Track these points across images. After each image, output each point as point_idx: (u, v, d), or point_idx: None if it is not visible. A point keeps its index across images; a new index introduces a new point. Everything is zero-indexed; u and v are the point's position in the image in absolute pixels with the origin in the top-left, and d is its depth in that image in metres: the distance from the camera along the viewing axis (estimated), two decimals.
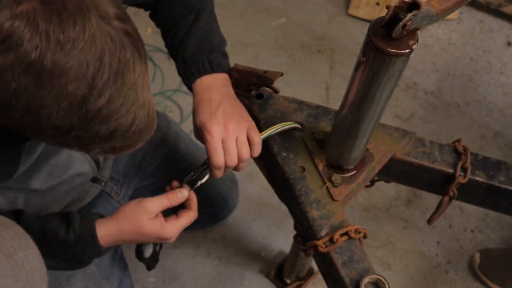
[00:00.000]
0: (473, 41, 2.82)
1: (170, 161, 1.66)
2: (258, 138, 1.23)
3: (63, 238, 1.12)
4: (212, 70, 1.26)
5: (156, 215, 1.17)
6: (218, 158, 1.19)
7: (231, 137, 1.19)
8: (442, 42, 2.79)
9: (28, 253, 0.80)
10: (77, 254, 1.14)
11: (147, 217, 1.15)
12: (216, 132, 1.19)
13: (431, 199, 2.26)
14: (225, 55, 1.31)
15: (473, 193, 1.29)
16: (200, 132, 1.22)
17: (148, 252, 1.37)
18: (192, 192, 1.23)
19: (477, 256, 2.10)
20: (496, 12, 2.89)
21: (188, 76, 1.27)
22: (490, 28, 2.88)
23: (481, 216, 2.26)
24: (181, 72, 1.30)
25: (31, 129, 0.81)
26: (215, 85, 1.25)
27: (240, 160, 1.21)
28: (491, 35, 2.85)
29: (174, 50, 1.31)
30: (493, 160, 1.30)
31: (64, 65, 0.74)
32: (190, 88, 1.29)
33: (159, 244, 1.44)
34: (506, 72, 2.72)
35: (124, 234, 1.15)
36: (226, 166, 1.21)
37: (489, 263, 2.07)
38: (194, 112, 1.24)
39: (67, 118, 0.78)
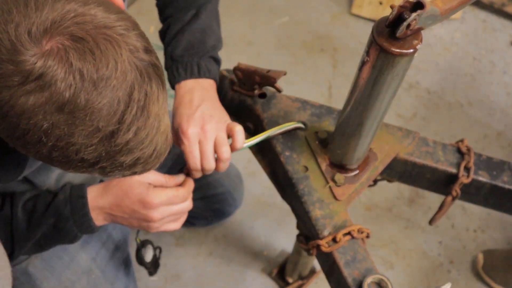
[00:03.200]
0: (476, 40, 2.82)
1: (180, 162, 1.66)
2: (238, 127, 1.19)
3: (53, 200, 1.12)
4: (199, 75, 1.23)
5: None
6: (195, 161, 1.17)
7: (208, 139, 1.16)
8: (445, 42, 2.79)
9: None
10: (65, 217, 1.13)
11: (138, 179, 1.13)
12: (192, 135, 1.16)
13: (434, 199, 2.26)
14: (216, 60, 1.28)
15: (476, 193, 1.29)
16: (177, 134, 1.20)
17: (148, 256, 1.36)
18: (190, 179, 1.21)
19: (480, 257, 2.09)
20: (499, 12, 2.89)
21: (174, 75, 1.24)
22: (493, 28, 2.87)
23: (483, 216, 2.26)
24: (167, 68, 1.27)
25: (57, 162, 0.80)
26: (198, 89, 1.22)
27: (220, 159, 1.18)
28: (494, 34, 2.85)
29: (166, 45, 1.28)
30: (497, 160, 1.30)
31: (97, 104, 0.73)
32: (173, 87, 1.26)
33: (158, 248, 1.43)
34: (509, 72, 2.71)
35: (111, 193, 1.14)
36: (203, 169, 1.19)
37: (492, 264, 2.07)
38: (173, 115, 1.22)
39: (95, 153, 0.78)
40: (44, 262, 1.37)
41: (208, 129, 1.16)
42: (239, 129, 1.18)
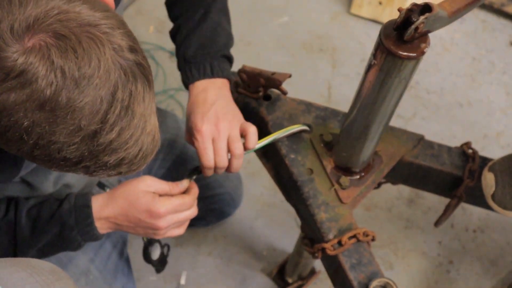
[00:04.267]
0: (475, 40, 2.82)
1: (179, 163, 1.65)
2: (252, 128, 1.20)
3: (58, 209, 1.11)
4: (213, 75, 1.24)
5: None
6: (208, 159, 1.17)
7: (221, 136, 1.17)
8: (445, 42, 2.79)
9: None
10: (70, 227, 1.12)
11: (143, 188, 1.14)
12: (206, 132, 1.17)
13: (433, 199, 2.26)
14: (228, 58, 1.29)
15: (481, 196, 1.28)
16: (191, 132, 1.21)
17: (155, 254, 1.36)
18: (193, 183, 1.21)
19: (490, 178, 1.31)
20: (499, 12, 2.89)
21: (187, 76, 1.25)
22: (493, 28, 2.87)
23: (483, 216, 2.26)
24: (180, 68, 1.28)
25: (39, 160, 0.80)
26: (212, 88, 1.23)
27: (233, 156, 1.19)
28: (494, 34, 2.85)
29: (177, 44, 1.29)
30: None
31: (78, 102, 0.73)
32: (186, 86, 1.27)
33: (166, 246, 1.43)
34: (509, 72, 2.72)
35: (116, 203, 1.14)
36: (216, 167, 1.19)
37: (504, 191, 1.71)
38: (188, 114, 1.23)
39: (77, 152, 0.77)
40: None
41: (222, 127, 1.17)
42: (253, 131, 1.19)
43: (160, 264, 1.44)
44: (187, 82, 1.26)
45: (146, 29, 2.61)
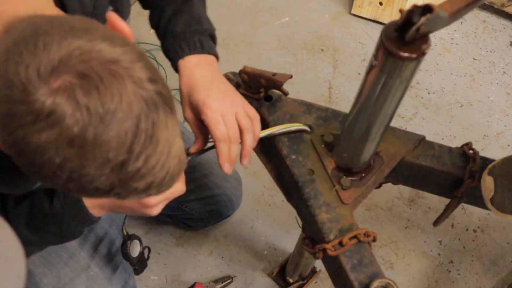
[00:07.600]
0: (476, 41, 2.82)
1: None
2: (256, 114, 1.22)
3: (49, 209, 1.13)
4: (203, 50, 1.26)
5: None
6: (221, 129, 1.18)
7: (229, 111, 1.19)
8: (445, 42, 2.79)
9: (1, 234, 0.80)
10: (66, 223, 1.15)
11: None
12: (216, 106, 1.18)
13: (433, 199, 2.27)
14: (213, 39, 1.31)
15: (481, 197, 1.28)
16: (197, 109, 1.22)
17: (135, 251, 1.38)
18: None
19: (490, 181, 1.38)
20: (499, 12, 2.90)
21: (177, 51, 1.26)
22: (493, 28, 2.88)
23: (483, 216, 2.26)
24: (168, 48, 1.29)
25: (74, 191, 0.83)
26: (204, 64, 1.25)
27: (244, 130, 1.20)
28: (494, 35, 2.86)
29: (162, 27, 1.30)
30: None
31: (105, 136, 0.75)
32: (175, 65, 1.28)
33: (147, 248, 1.44)
34: (509, 72, 2.72)
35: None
36: (230, 139, 1.20)
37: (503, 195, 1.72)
38: (187, 90, 1.23)
39: (108, 181, 0.80)
40: (43, 259, 1.39)
41: (228, 102, 1.19)
42: (257, 117, 1.22)
43: (139, 264, 1.45)
44: (176, 57, 1.26)
45: (146, 30, 2.61)
